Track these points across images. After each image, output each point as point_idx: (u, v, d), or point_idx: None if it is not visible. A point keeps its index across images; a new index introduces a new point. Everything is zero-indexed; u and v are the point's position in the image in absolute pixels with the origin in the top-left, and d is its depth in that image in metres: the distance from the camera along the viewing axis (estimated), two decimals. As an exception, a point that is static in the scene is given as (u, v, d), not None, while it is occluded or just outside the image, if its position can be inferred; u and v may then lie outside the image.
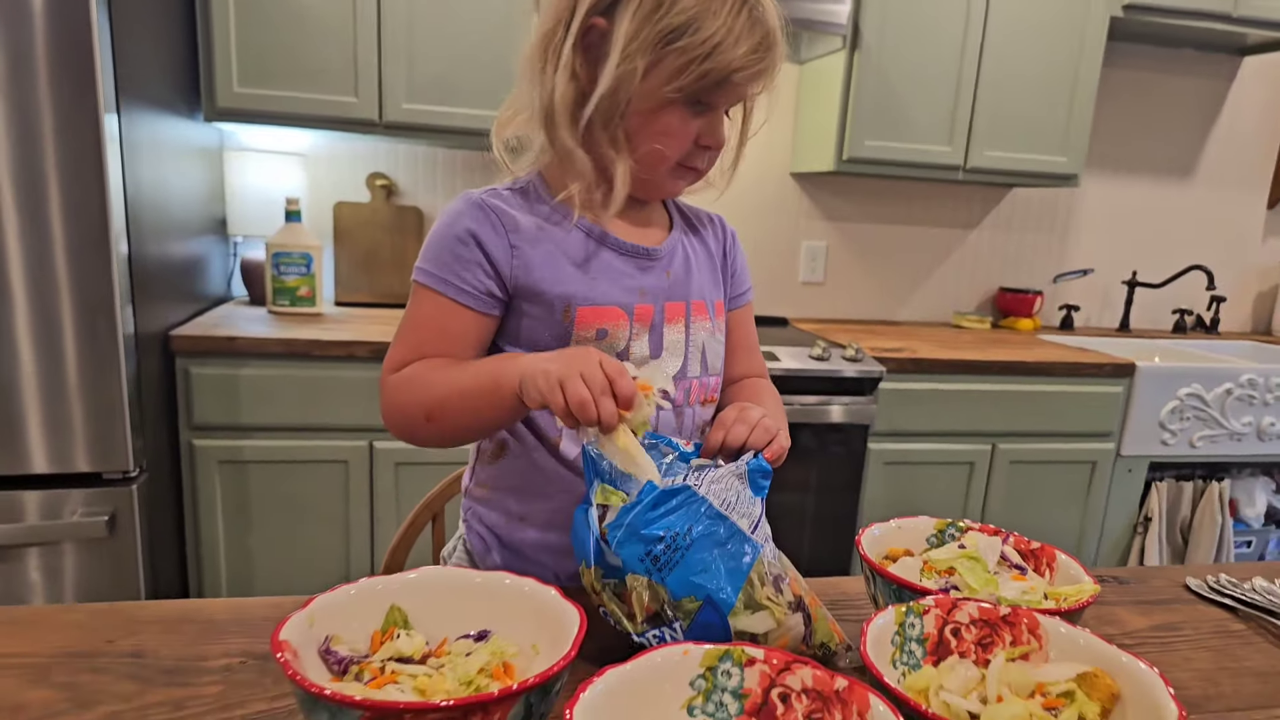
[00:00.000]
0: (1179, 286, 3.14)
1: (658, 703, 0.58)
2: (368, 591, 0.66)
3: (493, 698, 0.52)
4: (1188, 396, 2.47)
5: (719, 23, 0.79)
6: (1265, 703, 0.75)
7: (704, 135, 0.86)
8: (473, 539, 0.99)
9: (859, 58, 2.40)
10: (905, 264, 2.99)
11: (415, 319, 0.89)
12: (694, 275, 0.96)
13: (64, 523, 1.68)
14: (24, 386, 1.62)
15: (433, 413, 0.83)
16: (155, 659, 0.71)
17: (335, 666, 0.62)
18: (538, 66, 0.85)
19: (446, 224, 0.88)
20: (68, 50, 1.53)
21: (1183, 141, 3.11)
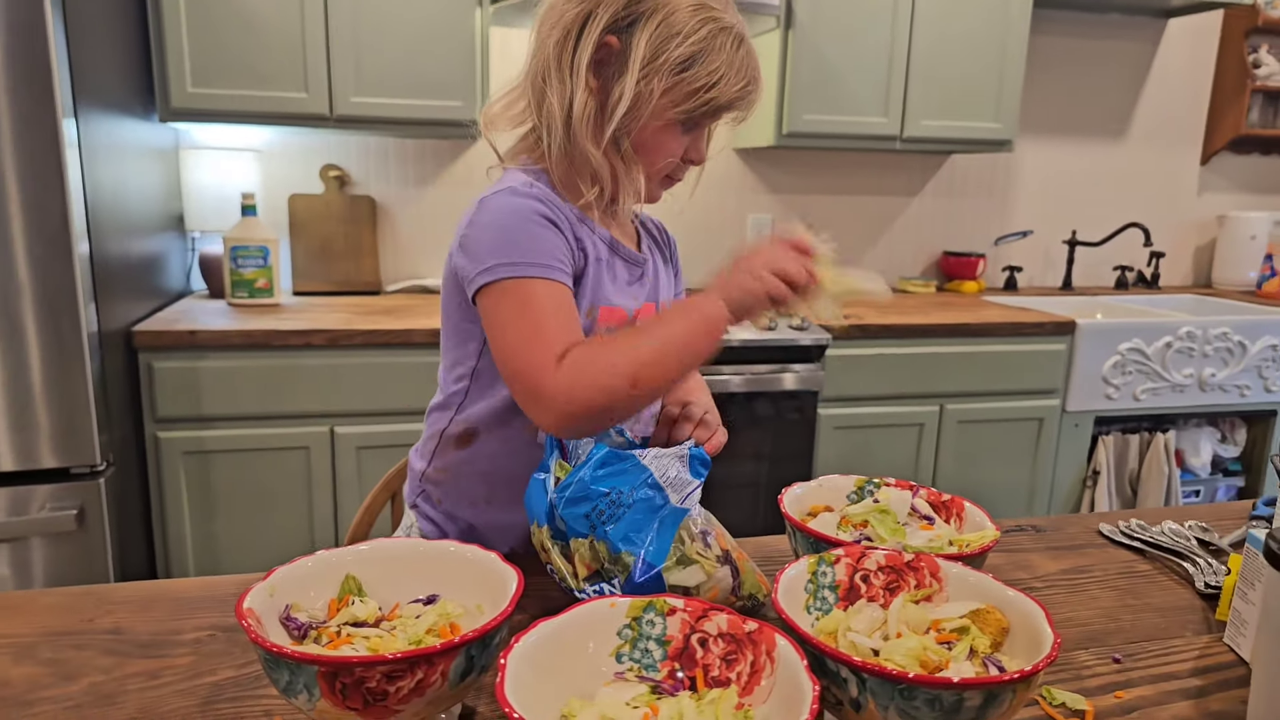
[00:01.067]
0: (1119, 244, 3.25)
1: (589, 650, 0.64)
2: (323, 563, 0.71)
3: (435, 650, 0.58)
4: (1129, 351, 2.57)
5: (723, 57, 0.87)
6: (1161, 634, 0.82)
7: (690, 151, 0.94)
8: (425, 525, 1.03)
9: (793, 35, 2.46)
10: (850, 232, 3.06)
11: (538, 310, 0.84)
12: (660, 279, 1.05)
13: (33, 518, 1.71)
14: None
15: (639, 376, 0.80)
16: (132, 634, 0.77)
17: (295, 632, 0.67)
18: (551, 74, 0.89)
19: (509, 216, 0.86)
20: (25, 58, 1.56)
21: (1114, 103, 3.21)
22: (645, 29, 0.85)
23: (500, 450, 0.97)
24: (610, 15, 0.86)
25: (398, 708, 0.59)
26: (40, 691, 0.68)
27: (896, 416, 2.46)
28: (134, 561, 1.94)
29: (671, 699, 0.60)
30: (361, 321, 2.10)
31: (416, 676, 0.58)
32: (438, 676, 0.59)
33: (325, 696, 0.57)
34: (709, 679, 0.63)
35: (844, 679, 0.59)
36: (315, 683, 0.57)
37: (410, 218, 2.65)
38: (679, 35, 0.85)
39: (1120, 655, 0.78)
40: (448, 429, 1.00)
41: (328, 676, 0.56)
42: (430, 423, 1.03)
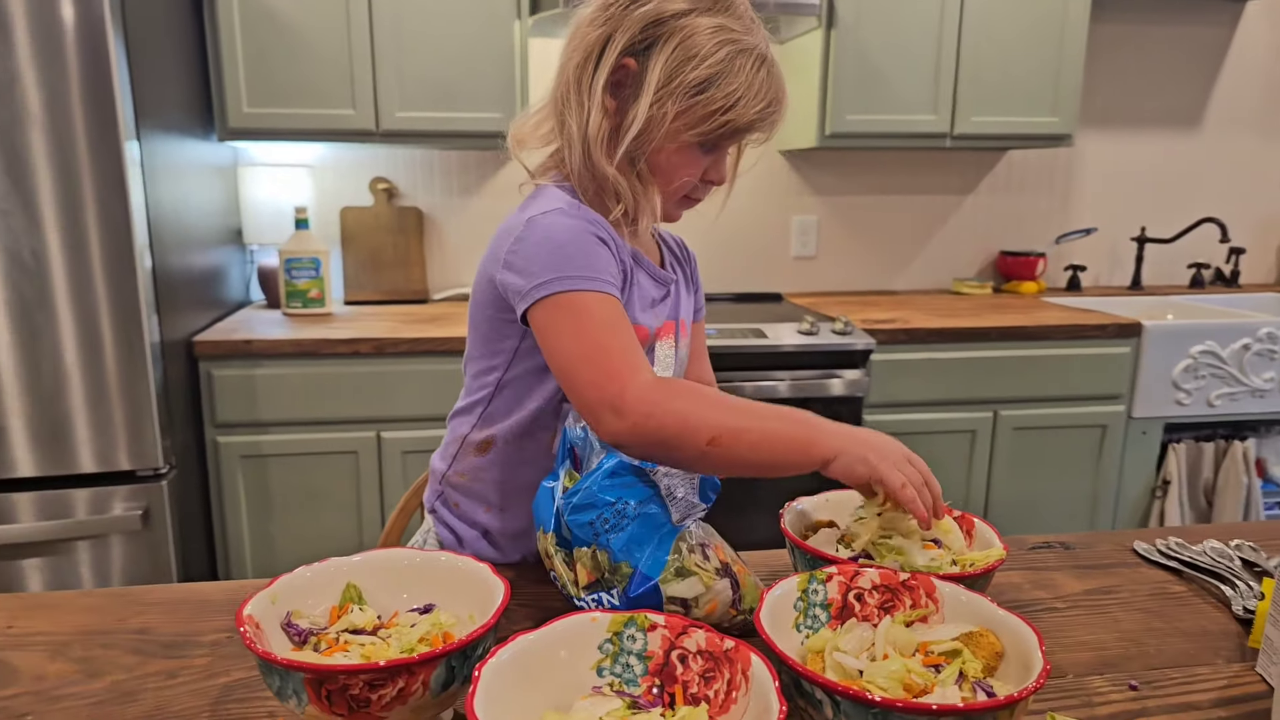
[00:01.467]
0: (1194, 240, 3.08)
1: (568, 664, 0.64)
2: (324, 572, 0.74)
3: (414, 661, 0.59)
4: (1201, 354, 2.44)
5: (741, 79, 0.87)
6: (1187, 661, 0.77)
7: (710, 172, 0.94)
8: (442, 531, 1.06)
9: (835, 35, 2.43)
10: (900, 233, 2.99)
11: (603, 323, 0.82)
12: (681, 296, 1.05)
13: (103, 518, 1.82)
14: (67, 393, 1.76)
15: (722, 438, 0.77)
16: (157, 635, 0.81)
17: (296, 638, 0.69)
18: (572, 94, 0.90)
19: (563, 233, 0.86)
20: (93, 86, 1.66)
21: (1186, 92, 3.05)
22: (662, 52, 0.86)
23: (516, 459, 0.99)
24: (628, 38, 0.87)
25: (381, 714, 0.60)
26: (68, 687, 0.72)
27: (946, 423, 2.40)
28: (196, 559, 2.03)
29: (644, 715, 0.60)
30: (407, 329, 2.16)
31: (398, 685, 0.60)
32: (419, 686, 0.61)
33: (313, 702, 0.59)
34: (688, 696, 0.63)
35: (819, 700, 0.59)
36: (303, 689, 0.59)
37: (455, 227, 2.71)
38: (695, 58, 0.85)
39: (1138, 682, 0.74)
40: (469, 435, 1.02)
41: (314, 683, 0.59)
42: (452, 427, 1.05)
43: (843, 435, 0.79)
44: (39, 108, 1.64)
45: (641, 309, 0.96)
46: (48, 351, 1.73)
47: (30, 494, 1.78)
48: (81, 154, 1.68)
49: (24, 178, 1.66)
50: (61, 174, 1.67)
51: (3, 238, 1.67)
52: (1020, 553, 1.01)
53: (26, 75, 1.63)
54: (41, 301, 1.70)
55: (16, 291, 1.69)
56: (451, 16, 2.24)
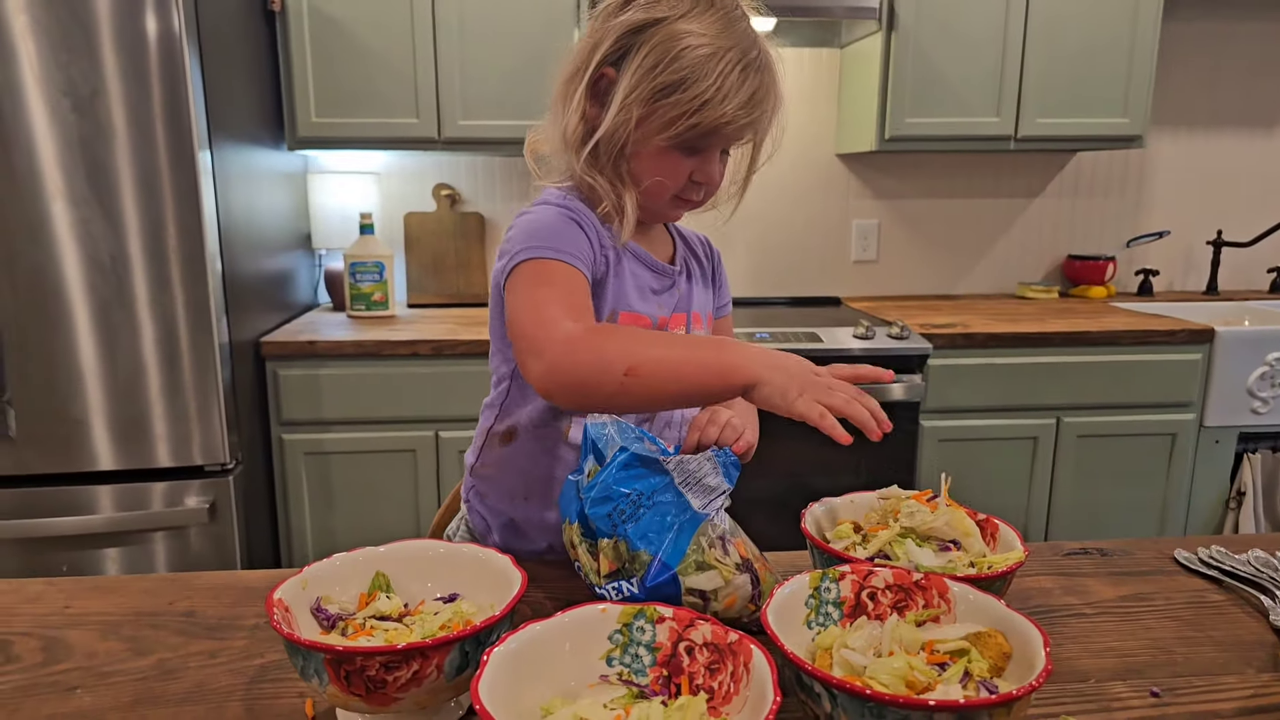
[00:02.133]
0: (1274, 243, 2.96)
1: (577, 654, 0.66)
2: (354, 560, 0.77)
3: (428, 645, 0.62)
4: (1278, 361, 2.35)
5: (709, 82, 0.87)
6: (1214, 670, 0.75)
7: (698, 174, 0.94)
8: (474, 519, 1.09)
9: (895, 38, 2.41)
10: (963, 237, 2.94)
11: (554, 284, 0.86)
12: (694, 290, 1.07)
13: (174, 510, 1.91)
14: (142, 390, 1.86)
15: (638, 368, 0.78)
16: (202, 618, 0.86)
17: (325, 622, 0.73)
18: (559, 103, 0.96)
19: (543, 214, 0.93)
20: (170, 99, 1.76)
21: (1263, 90, 2.93)
22: (634, 59, 0.88)
23: (537, 449, 1.02)
24: (609, 47, 0.91)
25: (397, 695, 0.63)
26: (117, 664, 0.77)
27: (1006, 429, 2.35)
28: (260, 552, 2.12)
29: (644, 703, 0.61)
30: (465, 332, 2.22)
31: (413, 668, 0.63)
32: (433, 669, 0.63)
33: (333, 681, 0.63)
34: (693, 686, 0.65)
35: (818, 694, 0.59)
36: (323, 668, 0.62)
37: (517, 232, 2.76)
38: (661, 64, 0.87)
39: (1160, 689, 0.72)
40: (493, 427, 1.06)
41: (333, 664, 0.62)
42: (481, 420, 1.09)
43: (763, 362, 0.77)
44: (120, 120, 1.74)
45: (639, 297, 0.98)
46: (125, 350, 1.83)
47: (108, 486, 1.89)
48: (159, 163, 1.77)
49: (104, 186, 1.76)
50: (139, 182, 1.77)
51: (84, 243, 1.77)
52: (1055, 558, 0.99)
53: (112, 88, 1.73)
54: (120, 302, 1.81)
55: (96, 293, 1.80)
56: (512, 26, 2.30)
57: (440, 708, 0.70)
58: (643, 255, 1.00)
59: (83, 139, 1.73)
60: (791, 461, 2.25)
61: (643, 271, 1.00)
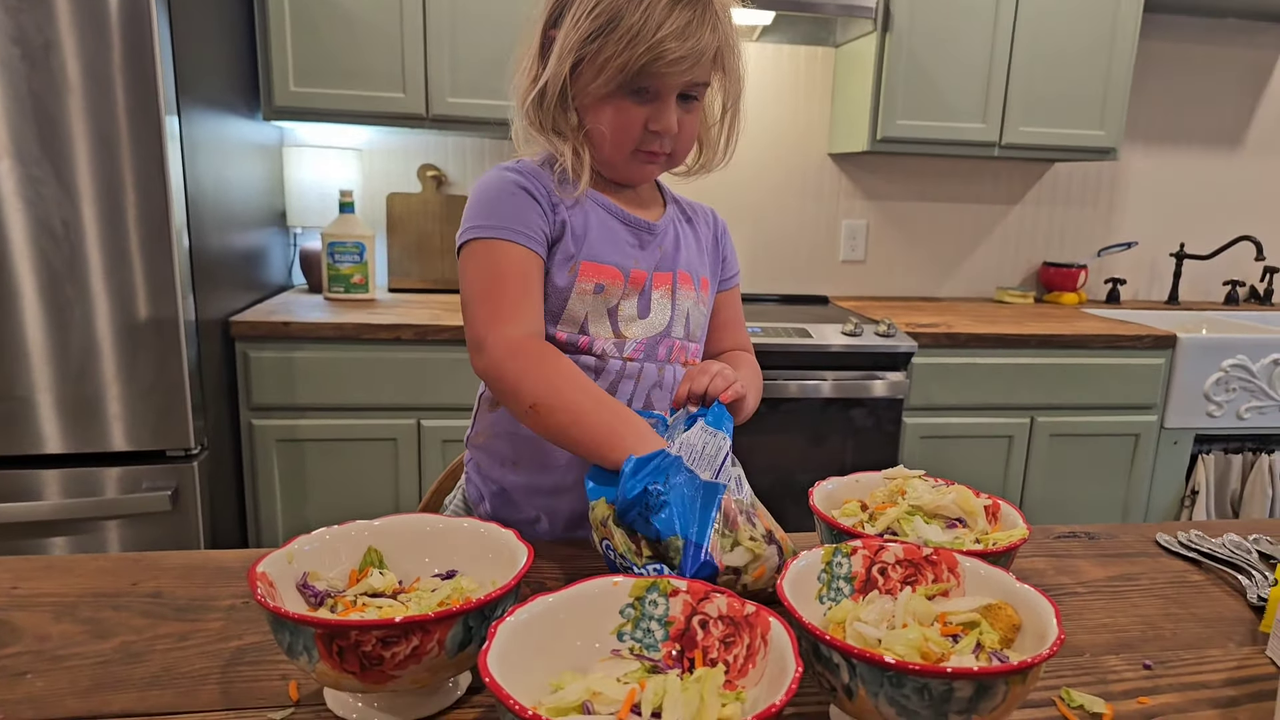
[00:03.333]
0: (1230, 258, 3.07)
1: (588, 628, 0.64)
2: (344, 535, 0.74)
3: (430, 618, 0.59)
4: (1233, 368, 2.42)
5: (635, 17, 0.86)
6: (1199, 644, 0.78)
7: (651, 121, 0.92)
8: (470, 489, 1.07)
9: (890, 40, 2.42)
10: (947, 240, 2.98)
11: (495, 272, 0.90)
12: (682, 252, 1.04)
13: (130, 497, 1.83)
14: (97, 370, 1.76)
15: (538, 407, 0.84)
16: (170, 599, 0.81)
17: (312, 599, 0.69)
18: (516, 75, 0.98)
19: (489, 187, 0.95)
20: (134, 58, 1.66)
21: (1230, 112, 3.03)
22: (569, 13, 0.90)
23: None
24: (549, 10, 0.93)
25: (394, 673, 0.60)
26: (74, 648, 0.72)
27: (984, 428, 2.38)
28: (225, 543, 2.05)
29: (660, 676, 0.60)
30: (450, 317, 2.17)
31: (412, 643, 0.60)
32: (434, 644, 0.61)
33: (323, 658, 0.59)
34: (707, 660, 0.63)
35: (836, 664, 0.58)
36: (313, 644, 0.59)
37: (501, 219, 2.72)
38: (589, 10, 0.88)
39: (1151, 662, 0.74)
40: (483, 392, 1.05)
41: (325, 638, 0.58)
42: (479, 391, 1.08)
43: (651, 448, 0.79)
44: (77, 75, 1.64)
45: (611, 249, 0.97)
46: (77, 325, 1.73)
47: (57, 471, 1.79)
48: (120, 126, 1.68)
49: (58, 146, 1.65)
50: (98, 145, 1.67)
51: (34, 206, 1.66)
52: (1046, 540, 1.01)
53: (66, 42, 1.62)
54: (72, 274, 1.70)
55: (45, 261, 1.69)
56: (505, 3, 2.24)
57: (438, 687, 0.68)
58: (614, 209, 0.99)
59: (34, 93, 1.63)
60: (775, 456, 2.26)
61: (614, 224, 0.99)
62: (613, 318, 0.97)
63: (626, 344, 0.97)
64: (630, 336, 0.98)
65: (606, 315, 0.97)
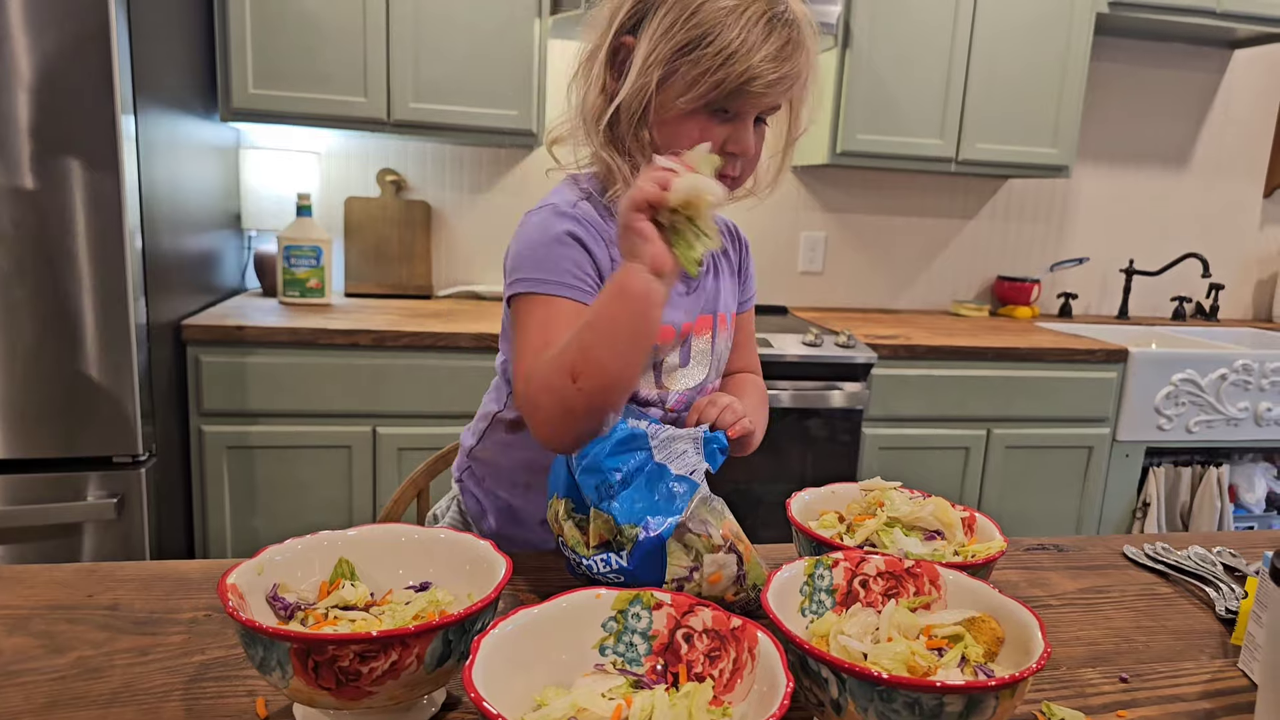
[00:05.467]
0: (1179, 274, 3.16)
1: (570, 641, 0.63)
2: (315, 545, 0.72)
3: (409, 632, 0.58)
4: (1182, 382, 2.48)
5: (733, 34, 0.82)
6: (1174, 657, 0.79)
7: (730, 143, 0.88)
8: (468, 500, 1.04)
9: (850, 55, 2.45)
10: (904, 253, 3.02)
11: (538, 325, 0.86)
12: (721, 289, 1.02)
13: (74, 505, 1.76)
14: (43, 373, 1.70)
15: (576, 368, 0.76)
16: (129, 611, 0.77)
17: (282, 612, 0.67)
18: (580, 81, 0.91)
19: (540, 232, 0.89)
20: (88, 54, 1.61)
21: (1176, 132, 3.13)
22: (653, 20, 0.84)
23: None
24: (625, 14, 0.87)
25: (371, 689, 0.58)
26: (28, 663, 0.68)
27: (942, 439, 2.41)
28: (172, 553, 1.99)
29: (646, 692, 0.58)
30: (408, 324, 2.14)
31: (390, 658, 0.58)
32: (413, 659, 0.59)
33: (298, 674, 0.57)
34: (692, 674, 0.62)
35: (825, 679, 0.58)
36: (288, 659, 0.57)
37: (465, 224, 2.69)
38: (681, 20, 0.83)
39: (1128, 675, 0.75)
40: (500, 412, 1.01)
41: (300, 653, 0.56)
42: (485, 403, 1.05)
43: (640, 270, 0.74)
44: (28, 69, 1.58)
45: (668, 306, 0.91)
46: (22, 326, 1.67)
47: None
48: (74, 125, 1.62)
49: (7, 141, 1.60)
50: (50, 143, 1.62)
51: None
52: (1017, 553, 1.02)
53: (16, 35, 1.57)
54: (19, 273, 1.64)
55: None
56: (471, 9, 2.22)
57: (413, 704, 0.66)
58: None
59: (-22, 83, 1.57)
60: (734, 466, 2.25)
61: None
62: (657, 370, 0.95)
63: (669, 395, 0.95)
64: (672, 388, 0.95)
65: (652, 368, 0.94)
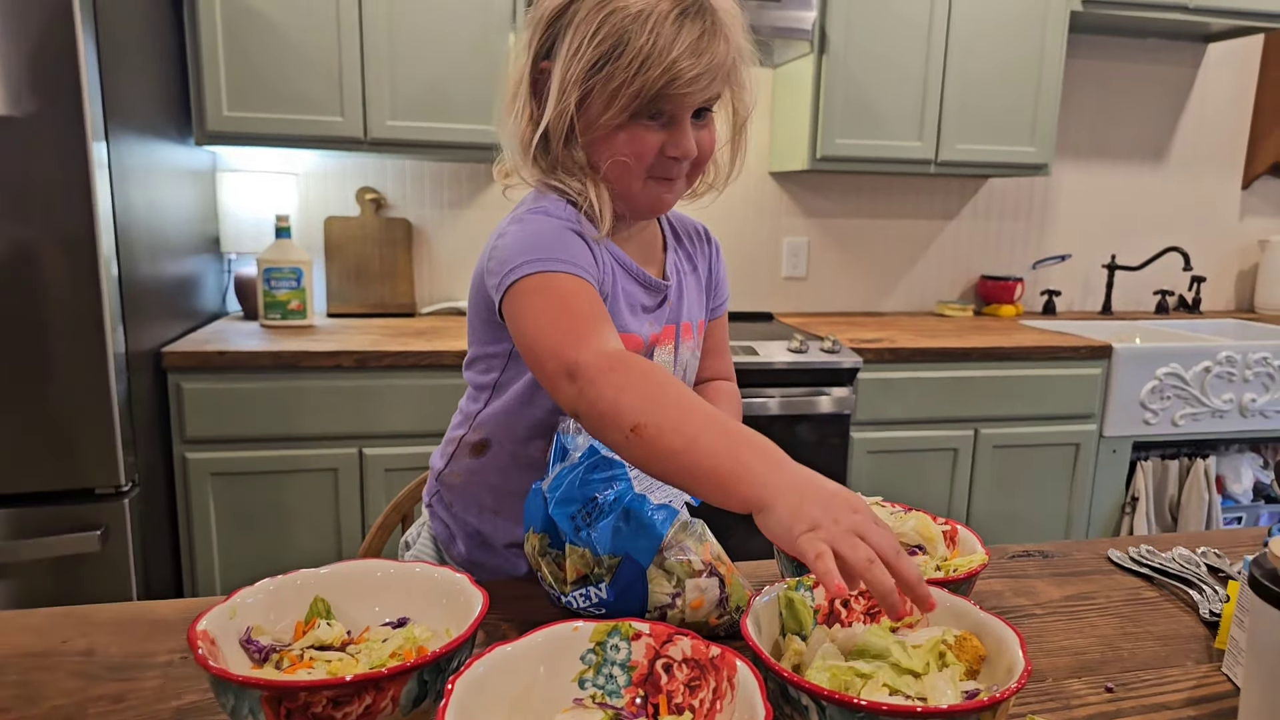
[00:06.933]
0: (1160, 268, 3.18)
1: (549, 677, 0.62)
2: (289, 585, 0.71)
3: (383, 675, 0.57)
4: (1166, 376, 2.49)
5: (641, 39, 0.79)
6: (1159, 663, 0.79)
7: (670, 147, 0.86)
8: (437, 526, 1.03)
9: (826, 61, 2.46)
10: (887, 256, 3.03)
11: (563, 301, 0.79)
12: (685, 297, 1.00)
13: (58, 538, 1.74)
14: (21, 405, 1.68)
15: (644, 429, 0.67)
16: (104, 657, 0.76)
17: (256, 655, 0.66)
18: (507, 117, 0.89)
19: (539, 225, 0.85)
20: (56, 79, 1.59)
21: (1153, 127, 3.15)
22: (564, 42, 0.83)
23: (511, 465, 0.96)
24: (539, 41, 0.86)
25: (347, 732, 0.58)
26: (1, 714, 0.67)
27: (930, 440, 2.41)
28: (160, 585, 1.96)
29: (626, 726, 0.58)
30: (391, 343, 2.12)
31: (365, 702, 0.57)
32: (387, 702, 0.58)
33: (270, 721, 0.56)
34: (672, 706, 0.61)
35: (805, 706, 0.57)
36: (260, 707, 0.56)
37: (446, 240, 2.68)
38: (587, 38, 0.81)
39: (1113, 684, 0.75)
40: (466, 435, 0.99)
41: (272, 701, 0.56)
42: (452, 425, 1.03)
43: (789, 486, 0.62)
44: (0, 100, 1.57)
45: (631, 316, 0.92)
46: (1, 358, 1.65)
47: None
48: (44, 151, 1.60)
49: None
50: (20, 170, 1.59)
51: None
52: (1001, 561, 1.02)
53: None
54: (-5, 306, 1.62)
55: None
56: (445, 25, 2.21)
57: (391, 743, 0.65)
58: (635, 271, 0.94)
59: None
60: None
61: (634, 288, 0.94)
62: None
63: None
64: None
65: None
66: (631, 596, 0.74)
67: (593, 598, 0.75)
